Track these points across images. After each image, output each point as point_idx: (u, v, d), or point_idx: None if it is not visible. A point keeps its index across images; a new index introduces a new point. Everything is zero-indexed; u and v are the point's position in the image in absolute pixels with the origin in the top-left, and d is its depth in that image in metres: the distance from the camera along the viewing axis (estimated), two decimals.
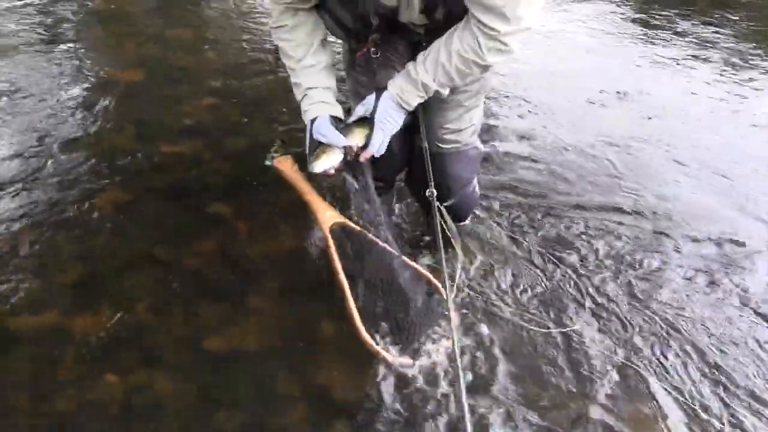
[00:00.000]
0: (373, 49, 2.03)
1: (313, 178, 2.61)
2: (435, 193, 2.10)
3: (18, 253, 2.50)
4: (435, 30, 1.91)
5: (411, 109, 2.01)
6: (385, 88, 1.98)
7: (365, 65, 2.10)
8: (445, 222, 2.20)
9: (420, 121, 2.17)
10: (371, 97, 2.01)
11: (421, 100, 1.99)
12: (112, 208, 2.77)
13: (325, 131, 1.99)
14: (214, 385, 2.04)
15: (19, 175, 2.94)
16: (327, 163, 2.01)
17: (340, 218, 2.48)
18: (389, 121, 2.00)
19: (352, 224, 2.46)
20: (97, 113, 3.51)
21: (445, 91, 1.99)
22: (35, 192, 2.84)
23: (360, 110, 2.04)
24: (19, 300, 2.29)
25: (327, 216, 2.48)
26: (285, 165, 2.81)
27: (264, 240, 2.66)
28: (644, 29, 5.46)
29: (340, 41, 2.23)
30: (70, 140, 3.24)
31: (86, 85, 3.82)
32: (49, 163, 3.04)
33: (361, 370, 2.11)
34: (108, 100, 3.67)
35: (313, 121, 2.04)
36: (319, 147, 2.02)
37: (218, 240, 2.63)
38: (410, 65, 1.94)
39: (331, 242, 2.38)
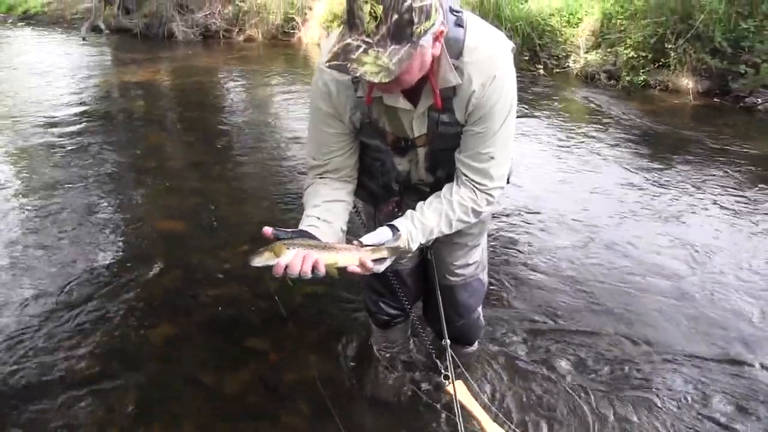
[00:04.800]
0: (396, 209, 2.47)
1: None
2: (449, 343, 2.42)
3: (81, 379, 2.90)
4: (438, 186, 2.36)
5: (410, 253, 2.27)
6: (396, 228, 2.11)
7: (387, 219, 2.53)
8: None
9: (431, 259, 2.56)
10: (388, 233, 2.10)
11: (420, 246, 2.24)
12: (163, 341, 3.19)
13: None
14: None
15: (78, 313, 3.39)
16: (263, 261, 1.95)
17: None
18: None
19: None
20: (144, 260, 3.99)
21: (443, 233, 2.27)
22: (94, 325, 3.28)
23: (374, 239, 2.08)
24: (84, 420, 2.67)
25: None
26: (461, 389, 2.46)
27: (295, 369, 3.02)
28: None
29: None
30: (124, 282, 3.71)
31: (133, 236, 4.33)
32: (105, 301, 3.50)
33: None
34: (154, 248, 4.17)
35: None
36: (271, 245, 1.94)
37: (255, 368, 3.01)
38: (416, 215, 2.16)
39: None
